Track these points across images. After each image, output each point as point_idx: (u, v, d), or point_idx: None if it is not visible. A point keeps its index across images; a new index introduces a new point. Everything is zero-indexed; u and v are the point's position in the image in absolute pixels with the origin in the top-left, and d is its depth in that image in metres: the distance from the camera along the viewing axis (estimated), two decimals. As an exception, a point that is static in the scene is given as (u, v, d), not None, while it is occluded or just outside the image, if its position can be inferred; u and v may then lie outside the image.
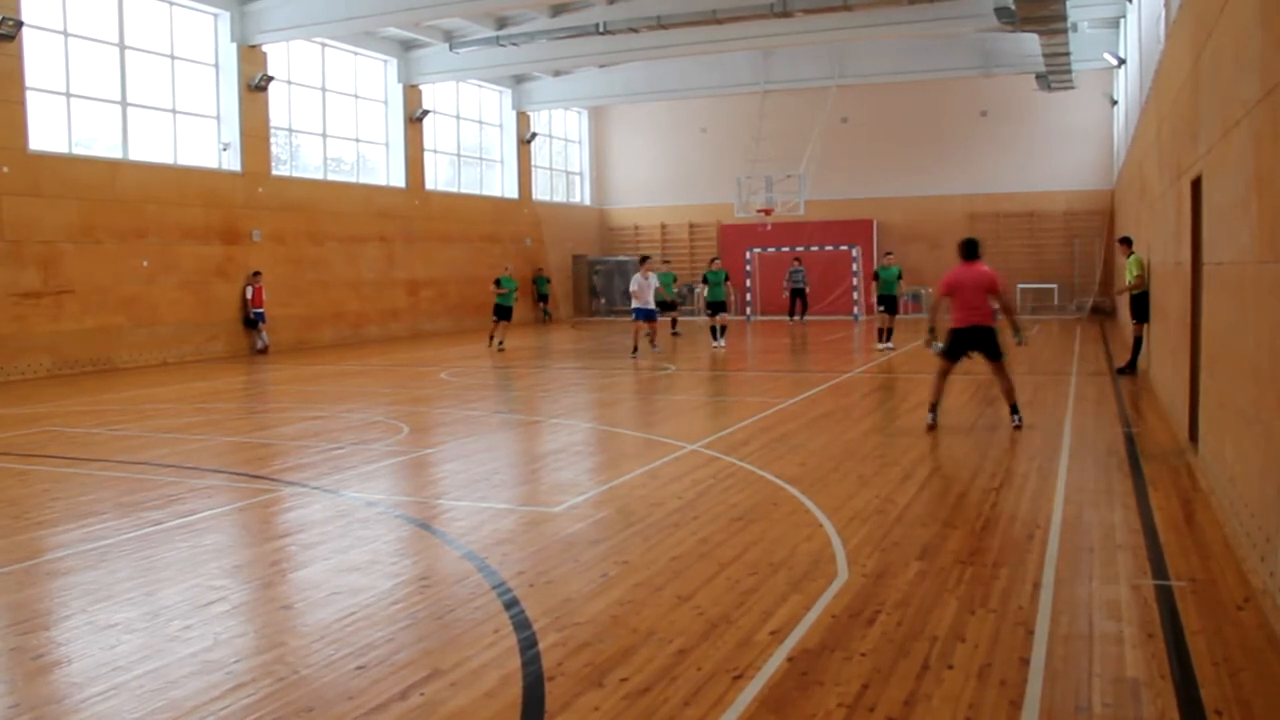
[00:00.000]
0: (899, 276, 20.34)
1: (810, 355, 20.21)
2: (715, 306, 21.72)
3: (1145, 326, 14.60)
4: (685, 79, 30.67)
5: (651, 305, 19.62)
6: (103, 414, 12.74)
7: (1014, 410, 10.17)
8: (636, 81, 31.30)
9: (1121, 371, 14.87)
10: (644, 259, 20.77)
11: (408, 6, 21.07)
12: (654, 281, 20.04)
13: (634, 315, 19.74)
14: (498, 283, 21.98)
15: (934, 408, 10.27)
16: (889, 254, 23.01)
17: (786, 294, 29.70)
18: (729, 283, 22.52)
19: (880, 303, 20.14)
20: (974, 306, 10.01)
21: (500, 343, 21.71)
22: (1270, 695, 3.90)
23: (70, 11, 18.85)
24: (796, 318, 29.16)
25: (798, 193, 29.25)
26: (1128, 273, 14.93)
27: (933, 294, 18.93)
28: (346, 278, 25.13)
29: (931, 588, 5.17)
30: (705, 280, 22.98)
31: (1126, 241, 15.47)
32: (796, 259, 30.36)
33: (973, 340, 10.06)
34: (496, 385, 15.53)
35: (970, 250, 10.26)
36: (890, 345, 19.34)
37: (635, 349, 19.50)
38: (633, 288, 19.74)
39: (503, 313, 21.67)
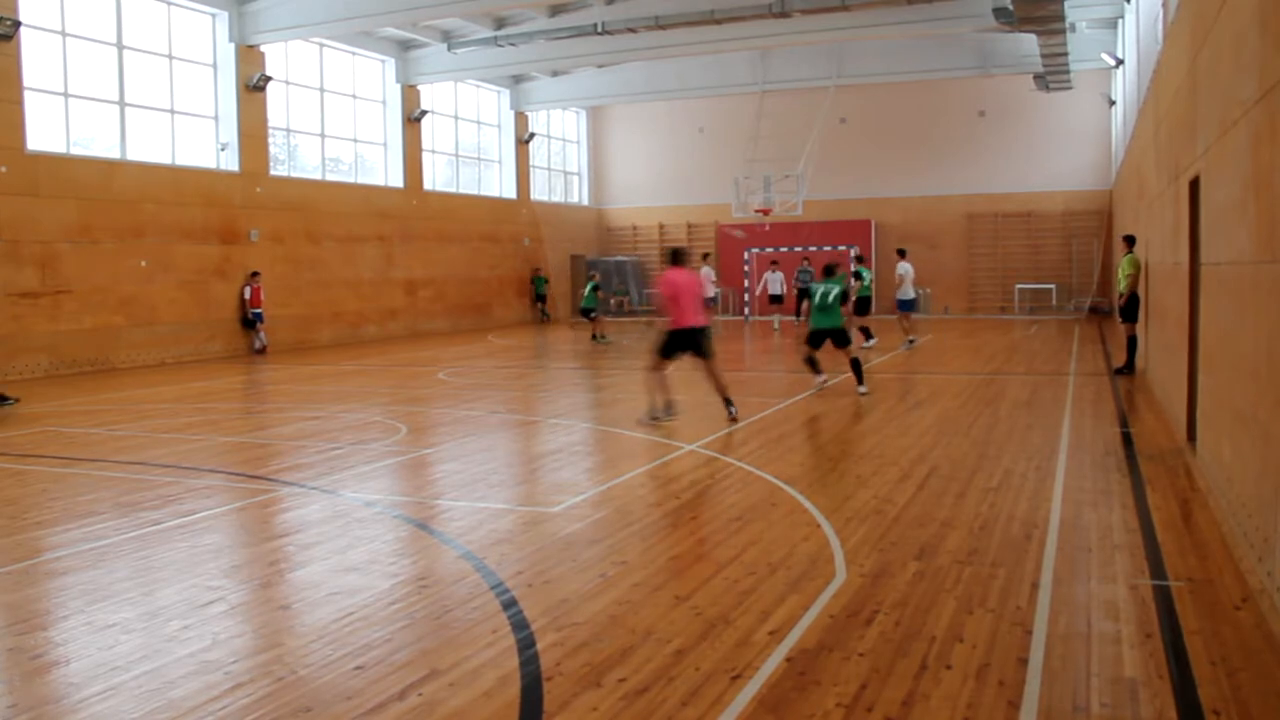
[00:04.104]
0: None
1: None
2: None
3: (1136, 326, 14.61)
4: (683, 79, 30.68)
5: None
6: (101, 414, 12.72)
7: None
8: (635, 82, 31.30)
9: (1119, 372, 14.88)
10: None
11: (406, 6, 21.04)
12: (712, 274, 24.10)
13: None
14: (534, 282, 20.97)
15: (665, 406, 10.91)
16: (858, 257, 23.33)
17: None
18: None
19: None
20: (693, 309, 10.68)
21: (544, 314, 20.50)
22: (1268, 695, 3.91)
23: (68, 11, 18.82)
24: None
25: (796, 193, 29.25)
26: (1120, 271, 14.95)
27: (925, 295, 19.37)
28: (344, 278, 25.11)
29: (929, 588, 5.17)
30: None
31: (1129, 240, 15.47)
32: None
33: (686, 340, 10.69)
34: (494, 385, 15.52)
35: (676, 258, 11.00)
36: (871, 342, 19.81)
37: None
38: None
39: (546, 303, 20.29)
